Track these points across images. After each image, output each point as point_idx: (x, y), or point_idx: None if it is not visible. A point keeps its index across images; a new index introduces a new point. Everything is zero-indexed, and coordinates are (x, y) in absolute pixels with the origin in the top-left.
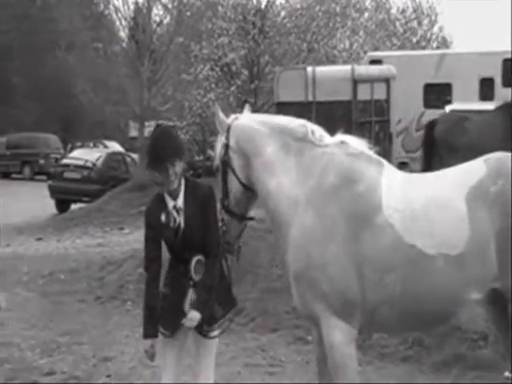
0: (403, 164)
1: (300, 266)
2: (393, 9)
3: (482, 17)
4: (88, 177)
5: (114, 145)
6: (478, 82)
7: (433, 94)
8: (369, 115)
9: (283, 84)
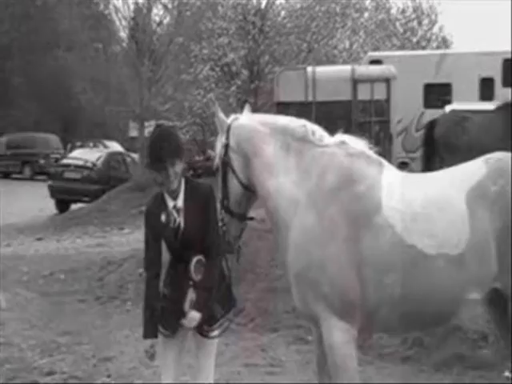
0: (403, 164)
1: (300, 267)
2: (393, 9)
3: (482, 17)
4: (88, 177)
5: (114, 145)
6: (478, 82)
7: (433, 94)
8: (369, 115)
9: (283, 84)
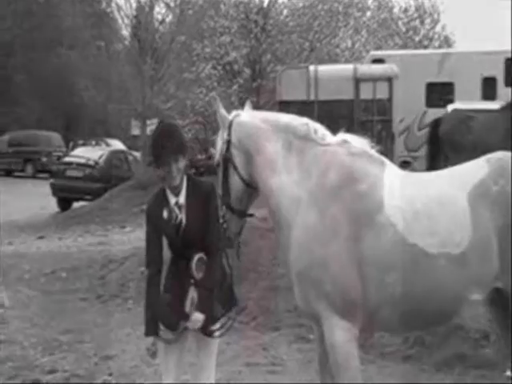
0: (405, 163)
1: (302, 265)
2: (395, 8)
3: (485, 16)
4: (90, 175)
5: (116, 143)
6: (481, 81)
7: (435, 93)
8: (371, 114)
9: (285, 83)
